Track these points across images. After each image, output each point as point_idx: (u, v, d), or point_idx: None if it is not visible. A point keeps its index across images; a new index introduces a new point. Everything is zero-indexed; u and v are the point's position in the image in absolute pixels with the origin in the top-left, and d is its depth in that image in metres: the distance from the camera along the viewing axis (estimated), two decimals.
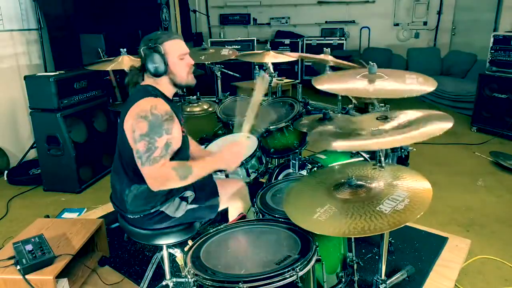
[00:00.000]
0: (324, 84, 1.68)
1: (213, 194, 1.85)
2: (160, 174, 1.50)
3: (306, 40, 7.36)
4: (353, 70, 1.82)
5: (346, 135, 1.60)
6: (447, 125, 1.40)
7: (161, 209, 1.70)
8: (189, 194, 1.78)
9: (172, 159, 1.67)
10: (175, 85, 1.72)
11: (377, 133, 1.51)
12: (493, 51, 4.55)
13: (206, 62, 3.20)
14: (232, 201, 1.96)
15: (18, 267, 1.79)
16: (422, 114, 1.59)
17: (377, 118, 1.62)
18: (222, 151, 1.68)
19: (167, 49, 1.64)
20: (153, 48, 1.62)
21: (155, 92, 1.65)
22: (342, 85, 1.66)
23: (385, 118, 1.61)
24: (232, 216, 2.00)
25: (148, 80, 1.71)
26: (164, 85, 1.70)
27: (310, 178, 1.71)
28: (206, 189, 1.86)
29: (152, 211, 1.69)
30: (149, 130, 1.51)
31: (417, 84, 1.60)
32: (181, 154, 1.69)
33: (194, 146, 2.01)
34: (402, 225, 1.26)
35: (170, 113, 1.59)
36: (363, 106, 3.08)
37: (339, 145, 1.51)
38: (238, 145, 1.70)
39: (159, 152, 1.51)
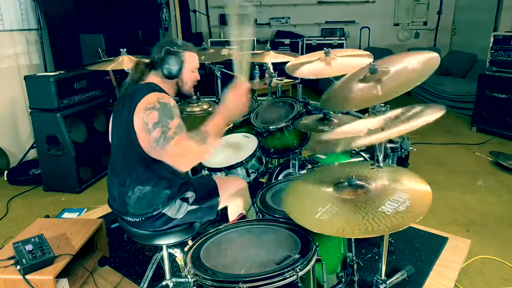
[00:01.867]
0: (337, 103, 1.68)
1: (214, 195, 1.86)
2: (180, 148, 1.50)
3: (306, 40, 7.35)
4: (356, 74, 1.82)
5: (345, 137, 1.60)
6: (439, 113, 1.39)
7: (163, 211, 1.70)
8: (189, 195, 1.78)
9: None
10: (178, 90, 1.78)
11: (374, 132, 1.51)
12: (493, 51, 4.55)
13: (206, 62, 3.19)
14: (232, 199, 1.97)
15: (18, 267, 1.79)
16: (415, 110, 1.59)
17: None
18: (225, 103, 1.60)
19: (187, 59, 1.73)
20: (177, 53, 1.70)
21: (158, 88, 1.68)
22: (351, 96, 1.66)
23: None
24: (232, 214, 2.00)
25: (152, 78, 1.73)
26: (169, 87, 1.75)
27: (309, 176, 1.71)
28: (206, 189, 1.86)
29: (154, 213, 1.69)
30: (160, 117, 1.53)
31: (421, 65, 1.60)
32: None
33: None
34: (406, 227, 1.26)
35: (175, 104, 1.62)
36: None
37: (341, 147, 1.51)
38: (239, 90, 1.59)
39: (173, 131, 1.51)
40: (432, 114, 1.38)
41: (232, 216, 2.00)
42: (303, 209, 1.48)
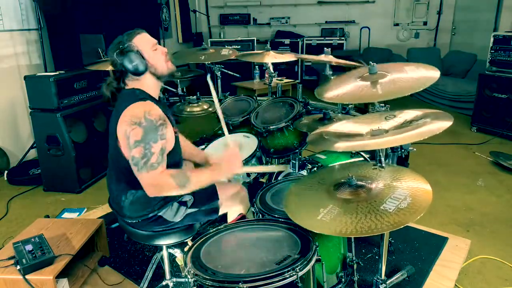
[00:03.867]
0: (329, 92, 1.68)
1: (213, 198, 1.81)
2: (158, 181, 1.49)
3: (306, 40, 7.36)
4: (354, 72, 1.82)
5: (346, 135, 1.60)
6: (446, 123, 1.40)
7: (159, 214, 1.69)
8: (188, 198, 1.75)
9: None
10: (159, 77, 1.69)
11: (378, 133, 1.51)
12: (493, 51, 4.55)
13: (206, 62, 3.19)
14: (232, 205, 1.93)
15: (18, 267, 1.79)
16: (421, 113, 1.59)
17: (385, 118, 1.61)
18: (219, 162, 1.67)
19: (138, 45, 1.63)
20: (126, 49, 1.61)
21: (143, 96, 1.61)
22: (347, 90, 1.66)
23: (393, 117, 1.59)
24: (231, 219, 1.99)
25: (131, 83, 1.66)
26: (149, 83, 1.67)
27: (308, 178, 1.71)
28: (205, 192, 1.81)
29: (150, 216, 1.68)
30: (144, 136, 1.48)
31: (421, 73, 1.61)
32: (173, 154, 1.67)
33: (188, 147, 2.01)
34: (410, 223, 1.26)
35: (163, 117, 1.57)
36: (363, 106, 3.08)
37: (340, 146, 1.51)
38: (235, 154, 1.68)
39: (156, 158, 1.49)
40: (440, 124, 1.38)
41: (231, 218, 2.00)
42: (305, 211, 1.48)
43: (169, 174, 1.51)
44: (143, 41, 1.64)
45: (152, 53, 1.65)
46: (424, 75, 1.62)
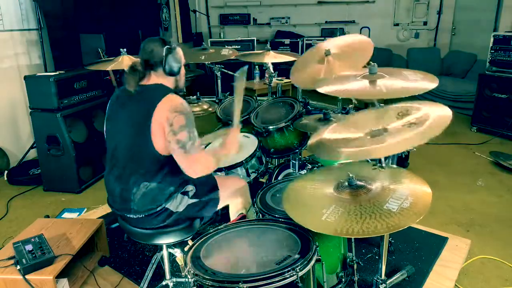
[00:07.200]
0: (328, 86, 1.68)
1: (213, 189, 1.89)
2: (203, 160, 1.66)
3: (306, 40, 7.35)
4: (353, 71, 1.82)
5: (346, 140, 1.58)
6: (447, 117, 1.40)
7: (165, 206, 1.71)
8: (190, 188, 1.79)
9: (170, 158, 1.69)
10: (175, 87, 1.81)
11: (377, 134, 1.50)
12: (493, 51, 4.55)
13: (206, 62, 3.19)
14: (233, 198, 1.97)
15: (18, 267, 1.80)
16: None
17: (398, 114, 1.61)
18: (224, 144, 1.83)
19: (181, 54, 1.79)
20: (174, 50, 1.73)
21: (172, 91, 1.73)
22: (347, 87, 1.66)
23: (405, 114, 1.59)
24: (232, 214, 2.01)
25: (156, 78, 1.74)
26: (171, 84, 1.77)
27: (307, 178, 1.71)
28: (206, 184, 1.88)
29: (158, 209, 1.70)
30: (187, 123, 1.62)
31: (421, 81, 1.61)
32: None
33: None
34: (418, 220, 1.28)
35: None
36: (363, 106, 3.08)
37: (345, 153, 1.48)
38: (231, 136, 1.85)
39: (199, 141, 1.66)
40: (439, 121, 1.39)
41: (232, 213, 2.01)
42: (308, 212, 1.47)
43: (209, 154, 1.74)
44: (183, 54, 1.82)
45: (183, 68, 1.84)
46: (423, 83, 1.63)
